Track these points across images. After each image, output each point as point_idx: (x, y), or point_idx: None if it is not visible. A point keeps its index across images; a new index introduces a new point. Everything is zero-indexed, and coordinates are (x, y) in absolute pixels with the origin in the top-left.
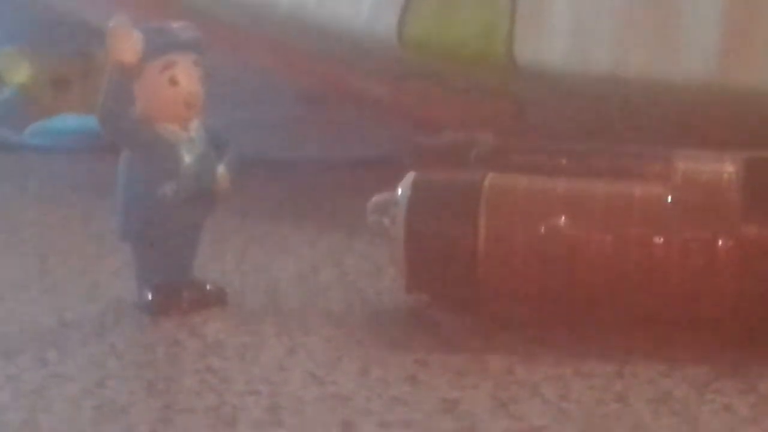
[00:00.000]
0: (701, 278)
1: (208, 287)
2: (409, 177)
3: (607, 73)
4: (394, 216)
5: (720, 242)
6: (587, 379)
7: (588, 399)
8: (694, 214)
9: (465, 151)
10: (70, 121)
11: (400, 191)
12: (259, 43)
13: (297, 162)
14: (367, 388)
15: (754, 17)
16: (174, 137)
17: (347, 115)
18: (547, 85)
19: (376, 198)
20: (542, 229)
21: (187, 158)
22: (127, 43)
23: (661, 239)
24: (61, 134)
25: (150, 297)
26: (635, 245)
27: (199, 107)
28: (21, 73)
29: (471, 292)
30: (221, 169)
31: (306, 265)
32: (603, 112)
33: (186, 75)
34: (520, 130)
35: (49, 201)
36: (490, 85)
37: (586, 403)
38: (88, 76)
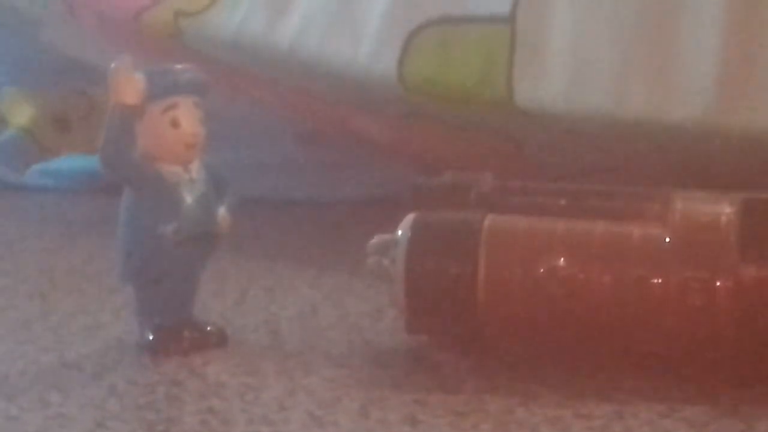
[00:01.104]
0: (700, 318)
1: (208, 328)
2: (409, 218)
3: (606, 113)
4: (394, 257)
5: (718, 283)
6: (587, 421)
7: None
8: (692, 255)
9: (465, 192)
10: (71, 161)
11: (400, 232)
12: (260, 84)
13: (297, 202)
14: (367, 429)
15: (751, 58)
16: (175, 178)
17: (347, 155)
18: (546, 125)
19: (376, 239)
20: (541, 270)
21: (188, 199)
22: (129, 84)
23: (660, 279)
24: (62, 175)
25: (151, 337)
26: (634, 285)
27: (200, 148)
28: (23, 114)
29: (471, 332)
30: (222, 210)
31: (306, 306)
32: (602, 152)
33: (187, 116)
34: (519, 170)
35: (51, 241)
36: (489, 125)
37: None
38: (89, 117)
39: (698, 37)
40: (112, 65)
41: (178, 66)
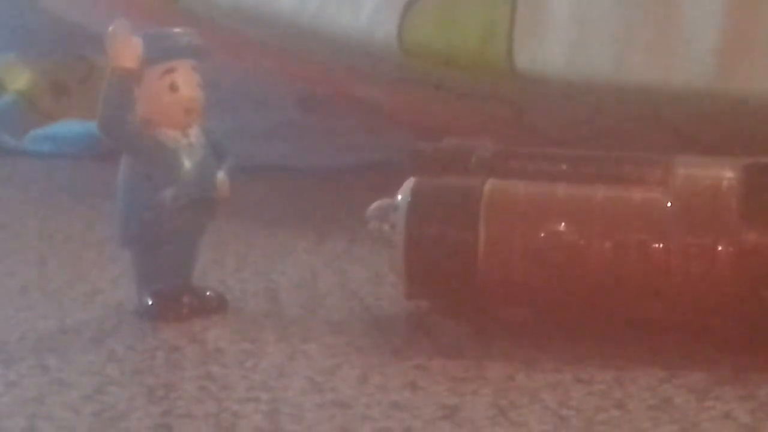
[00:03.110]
0: (701, 284)
1: (207, 293)
2: (409, 183)
3: (607, 79)
4: (394, 222)
5: (720, 248)
6: (587, 386)
7: (588, 406)
8: (693, 220)
9: (465, 157)
10: (69, 127)
11: (400, 197)
12: (259, 49)
13: (297, 168)
14: (366, 395)
15: (752, 25)
16: (174, 143)
17: (347, 120)
18: (546, 90)
19: (376, 204)
20: (542, 235)
21: (187, 164)
22: (127, 48)
23: (661, 245)
24: (61, 140)
25: (150, 303)
26: (635, 251)
27: (199, 113)
28: (21, 80)
29: (471, 297)
30: (221, 175)
31: (306, 272)
32: (602, 117)
33: (186, 81)
34: (519, 136)
35: (49, 207)
36: (489, 90)
37: (586, 410)
38: (87, 82)
39: (699, 2)
40: (110, 29)
41: (177, 30)
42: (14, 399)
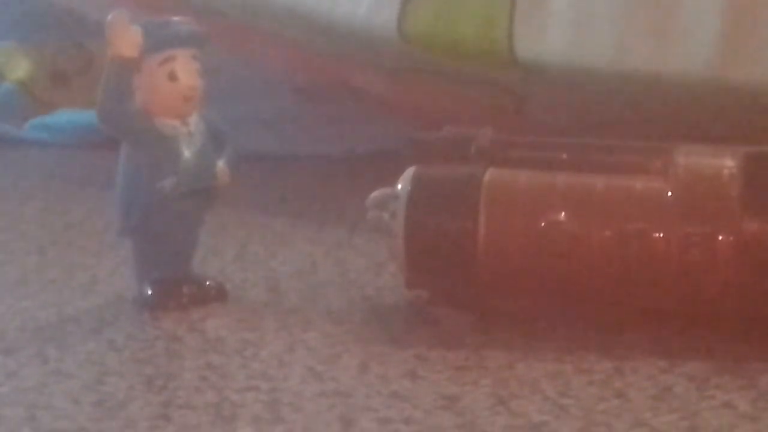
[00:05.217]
0: (701, 273)
1: (207, 283)
2: (409, 172)
3: (607, 68)
4: (393, 211)
5: (720, 237)
6: (587, 375)
7: (588, 395)
8: (694, 209)
9: (465, 146)
10: (69, 116)
11: (399, 186)
12: (259, 37)
13: (296, 157)
14: (366, 384)
15: (754, 11)
16: (173, 131)
17: (346, 109)
18: (547, 79)
19: (376, 193)
20: (542, 224)
21: (186, 152)
22: (127, 37)
23: (661, 234)
24: (60, 129)
25: (149, 292)
26: (635, 240)
27: (198, 102)
28: (20, 69)
29: (471, 287)
30: (220, 164)
31: (306, 261)
32: (603, 106)
33: (185, 69)
34: (520, 125)
35: (49, 196)
36: (490, 79)
37: (586, 400)
38: (87, 71)
39: None
40: (109, 18)
41: (176, 18)
42: (14, 389)
